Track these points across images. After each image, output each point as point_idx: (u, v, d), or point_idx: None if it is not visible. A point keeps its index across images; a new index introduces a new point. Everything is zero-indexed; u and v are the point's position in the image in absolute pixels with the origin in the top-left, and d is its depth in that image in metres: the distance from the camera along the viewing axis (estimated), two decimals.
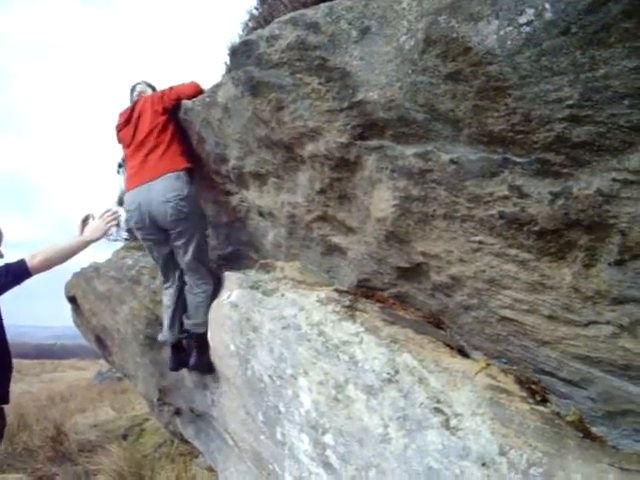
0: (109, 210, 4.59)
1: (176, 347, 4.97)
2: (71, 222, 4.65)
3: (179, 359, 4.95)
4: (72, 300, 7.53)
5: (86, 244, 4.43)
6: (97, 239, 4.48)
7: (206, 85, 4.60)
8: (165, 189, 4.48)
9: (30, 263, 4.06)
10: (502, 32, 2.08)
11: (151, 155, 4.62)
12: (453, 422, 2.81)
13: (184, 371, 5.08)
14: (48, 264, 4.17)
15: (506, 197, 2.44)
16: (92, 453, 9.29)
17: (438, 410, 2.89)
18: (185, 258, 4.67)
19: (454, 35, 2.25)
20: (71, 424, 11.48)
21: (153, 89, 5.27)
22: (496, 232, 2.58)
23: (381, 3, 2.77)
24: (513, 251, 2.58)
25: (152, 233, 4.72)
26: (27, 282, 4.17)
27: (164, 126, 4.63)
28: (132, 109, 4.87)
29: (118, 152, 5.51)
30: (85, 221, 4.59)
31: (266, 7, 4.31)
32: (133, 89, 5.31)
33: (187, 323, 4.87)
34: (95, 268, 6.68)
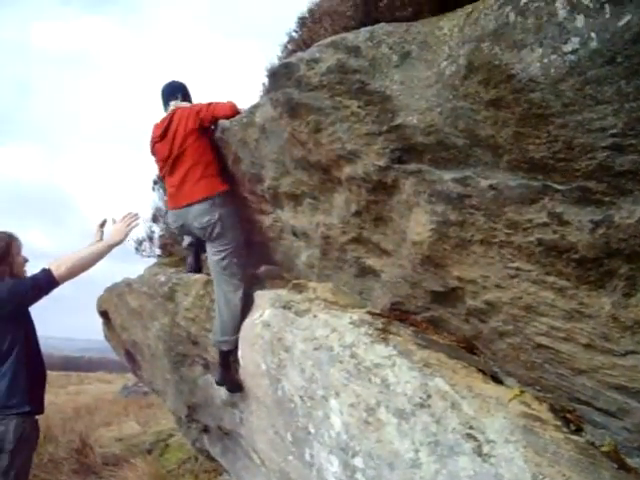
0: (130, 213, 4.69)
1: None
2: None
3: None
4: (104, 314, 7.58)
5: (109, 247, 4.50)
6: (119, 242, 4.56)
7: (242, 105, 4.66)
8: (200, 216, 4.67)
9: (56, 272, 4.12)
10: (546, 60, 2.09)
11: (188, 176, 4.72)
12: (485, 449, 2.78)
13: (214, 389, 5.09)
14: (74, 271, 4.23)
15: (546, 224, 2.43)
16: (116, 467, 9.28)
17: (470, 436, 2.86)
18: (219, 272, 4.73)
19: (497, 62, 2.26)
20: (96, 437, 11.47)
21: (185, 97, 5.23)
22: (534, 259, 2.57)
23: (422, 28, 2.80)
24: (551, 278, 2.56)
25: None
26: (53, 294, 4.23)
27: (200, 145, 4.69)
28: (168, 123, 4.87)
29: (149, 165, 5.55)
30: (102, 226, 4.66)
31: (305, 30, 4.36)
32: (166, 97, 5.21)
33: (213, 339, 4.88)
34: (127, 283, 6.72)
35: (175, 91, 5.21)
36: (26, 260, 4.37)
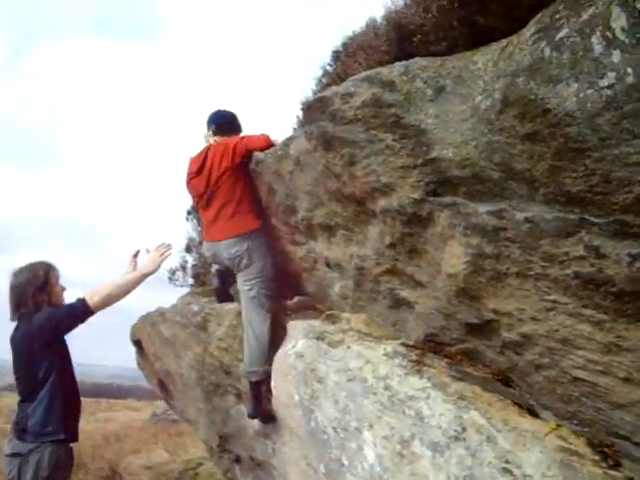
0: (163, 243, 4.77)
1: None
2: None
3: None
4: (137, 343, 7.63)
5: (143, 277, 4.56)
6: (153, 271, 4.62)
7: (276, 137, 4.71)
8: (229, 247, 4.78)
9: (91, 301, 4.19)
10: (582, 95, 2.10)
11: (222, 213, 4.81)
12: None
13: (246, 419, 5.08)
14: (108, 300, 4.30)
15: (582, 257, 2.42)
16: None
17: (506, 470, 2.83)
18: (247, 303, 4.77)
19: (532, 97, 2.28)
20: (125, 465, 11.50)
21: (219, 127, 5.20)
22: (571, 292, 2.56)
23: (456, 63, 2.83)
24: (588, 311, 2.55)
25: None
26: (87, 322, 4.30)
27: (234, 182, 4.75)
28: (204, 158, 4.91)
29: (183, 195, 5.60)
30: (135, 256, 4.73)
31: (339, 64, 4.42)
32: (209, 125, 5.22)
33: (243, 370, 4.89)
34: (161, 313, 6.76)
35: (213, 121, 5.22)
36: (64, 289, 4.44)
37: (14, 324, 4.26)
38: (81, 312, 4.19)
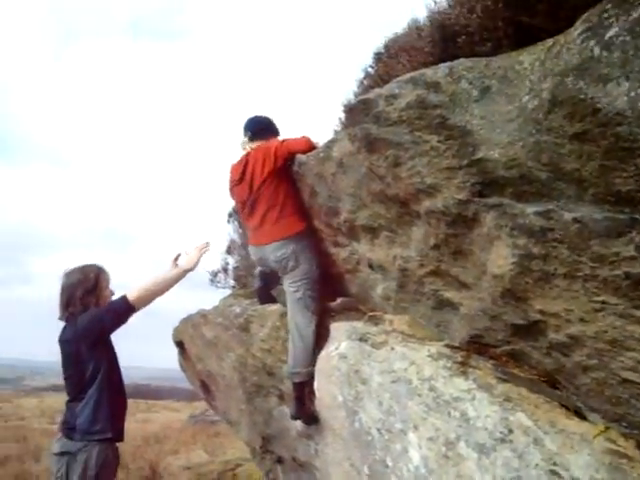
0: (203, 242, 4.91)
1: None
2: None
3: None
4: (179, 345, 7.72)
5: (183, 273, 4.66)
6: (192, 268, 4.73)
7: (317, 139, 4.73)
8: (274, 253, 4.85)
9: (131, 298, 4.28)
10: (633, 94, 2.08)
11: (267, 218, 4.87)
12: None
13: (288, 420, 5.11)
14: (149, 296, 4.39)
15: (633, 258, 2.40)
16: None
17: (554, 473, 2.81)
18: (293, 304, 4.81)
19: (582, 96, 2.26)
20: (165, 465, 11.62)
21: (255, 134, 5.25)
22: (621, 292, 2.53)
23: (502, 63, 2.82)
24: (639, 312, 2.52)
25: None
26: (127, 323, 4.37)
27: (277, 185, 4.80)
28: (245, 165, 4.98)
29: (224, 198, 5.67)
30: (176, 259, 4.82)
31: (381, 65, 4.41)
32: (246, 132, 5.28)
33: (286, 371, 4.92)
34: (202, 315, 6.83)
35: (249, 128, 5.29)
36: (112, 293, 4.53)
37: (56, 327, 4.37)
38: (123, 309, 4.27)
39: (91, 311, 4.26)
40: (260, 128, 5.28)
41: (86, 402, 4.13)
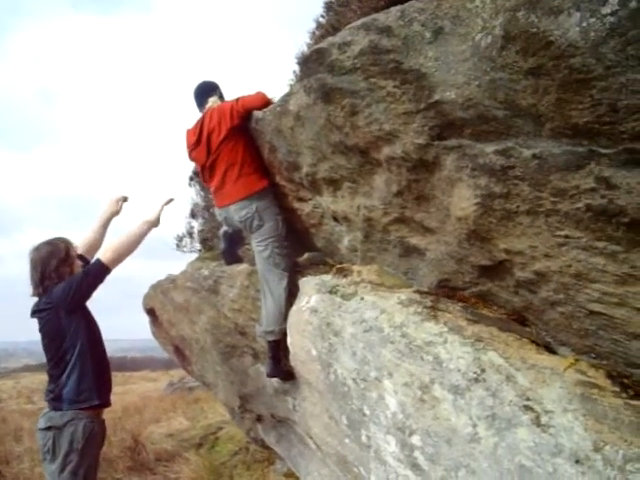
0: (166, 198, 5.02)
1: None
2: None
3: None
4: (150, 312, 7.69)
5: (149, 227, 4.69)
6: (155, 220, 4.77)
7: (273, 94, 4.67)
8: (238, 213, 4.83)
9: (104, 259, 4.29)
10: (584, 24, 2.07)
11: (227, 178, 4.84)
12: (544, 419, 2.77)
13: (265, 378, 5.13)
14: (121, 254, 4.42)
15: (593, 189, 2.41)
16: (170, 462, 9.42)
17: (528, 408, 2.85)
18: (262, 263, 4.80)
19: (534, 30, 2.24)
20: (147, 434, 11.62)
21: (212, 90, 5.23)
22: (583, 225, 2.55)
23: (453, 3, 2.77)
24: (601, 244, 2.54)
25: None
26: (94, 296, 4.37)
27: (235, 144, 4.75)
28: (200, 128, 4.93)
29: (183, 162, 5.63)
30: (124, 200, 5.05)
31: (333, 14, 4.35)
32: (198, 99, 5.24)
33: (259, 330, 4.93)
34: (172, 280, 6.80)
35: (206, 92, 5.23)
36: (82, 266, 4.49)
37: (26, 308, 4.34)
38: (98, 270, 4.26)
39: (67, 279, 4.22)
40: (213, 92, 5.24)
41: (70, 370, 4.12)
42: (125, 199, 5.08)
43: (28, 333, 4.40)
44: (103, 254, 4.33)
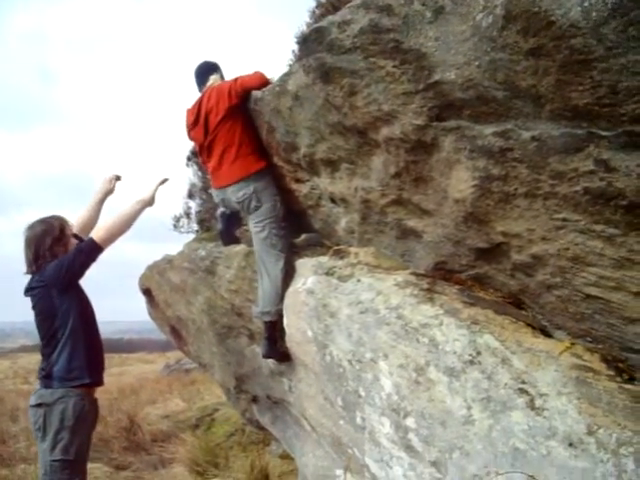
0: (162, 177, 4.97)
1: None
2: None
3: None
4: (146, 292, 7.68)
5: (142, 207, 4.66)
6: (151, 202, 4.75)
7: (271, 74, 4.64)
8: (236, 194, 4.80)
9: (97, 238, 4.28)
10: (586, 4, 2.05)
11: (224, 158, 4.82)
12: (538, 402, 2.78)
13: (261, 359, 5.13)
14: (114, 233, 4.41)
15: (592, 172, 2.40)
16: (165, 443, 9.48)
17: (523, 390, 2.86)
18: (259, 244, 4.79)
19: (536, 9, 2.22)
20: (143, 415, 11.69)
21: (213, 69, 5.22)
22: (581, 208, 2.54)
23: None
24: (599, 227, 2.54)
25: None
26: (91, 278, 4.36)
27: (232, 124, 4.72)
28: (199, 107, 4.91)
29: (181, 142, 5.64)
30: (117, 179, 5.03)
31: None
32: (199, 78, 5.21)
33: (255, 311, 4.92)
34: (168, 260, 6.79)
35: (207, 71, 5.20)
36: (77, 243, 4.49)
37: (21, 288, 4.33)
38: (91, 248, 4.25)
39: (60, 258, 4.20)
40: (215, 71, 5.21)
41: (61, 348, 4.11)
42: (118, 178, 5.06)
43: (25, 314, 4.40)
44: (96, 233, 4.32)
